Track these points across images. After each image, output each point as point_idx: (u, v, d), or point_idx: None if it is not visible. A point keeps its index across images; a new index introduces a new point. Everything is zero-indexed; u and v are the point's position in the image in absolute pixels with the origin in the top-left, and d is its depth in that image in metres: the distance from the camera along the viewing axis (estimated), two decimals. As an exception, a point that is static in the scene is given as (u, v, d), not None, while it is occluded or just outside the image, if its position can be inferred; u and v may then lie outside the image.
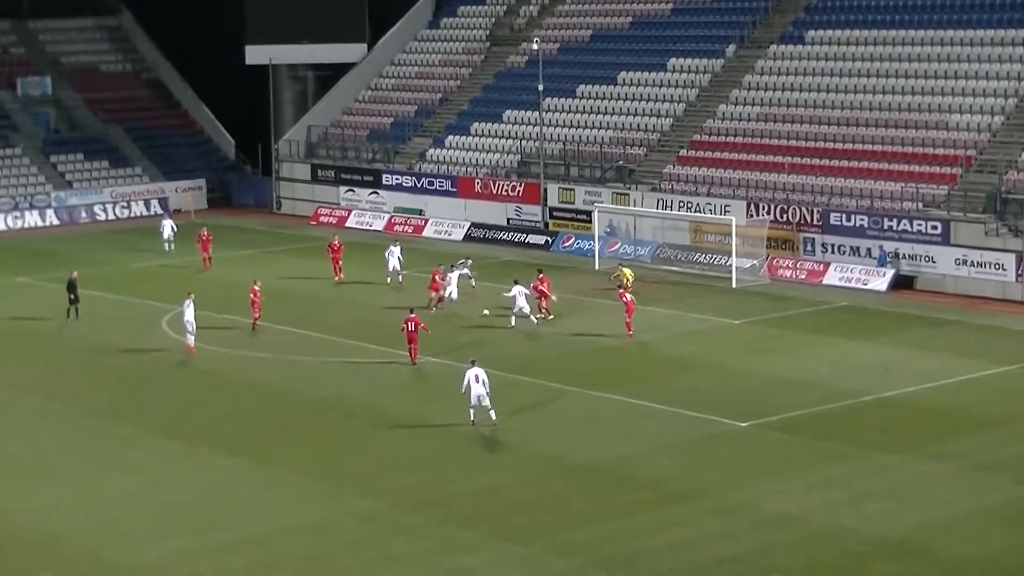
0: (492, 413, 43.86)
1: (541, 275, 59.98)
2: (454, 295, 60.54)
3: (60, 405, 48.35)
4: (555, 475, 40.01)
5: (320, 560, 34.33)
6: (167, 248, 76.31)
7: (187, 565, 34.09)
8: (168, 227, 77.11)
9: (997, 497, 37.49)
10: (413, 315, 52.05)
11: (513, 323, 57.06)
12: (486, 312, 57.88)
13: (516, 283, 57.70)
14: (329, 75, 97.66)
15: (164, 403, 48.53)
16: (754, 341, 55.23)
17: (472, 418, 43.81)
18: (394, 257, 66.99)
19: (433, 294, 61.17)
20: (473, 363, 44.19)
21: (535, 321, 57.39)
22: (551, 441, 43.16)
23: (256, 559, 34.48)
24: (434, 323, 58.47)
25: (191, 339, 53.86)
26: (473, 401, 43.57)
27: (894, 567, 33.12)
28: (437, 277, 61.57)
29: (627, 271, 62.19)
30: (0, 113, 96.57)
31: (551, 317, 58.68)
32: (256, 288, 58.05)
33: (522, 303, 56.95)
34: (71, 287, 60.02)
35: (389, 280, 66.65)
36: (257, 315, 57.75)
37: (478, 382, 43.55)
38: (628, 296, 56.16)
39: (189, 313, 54.04)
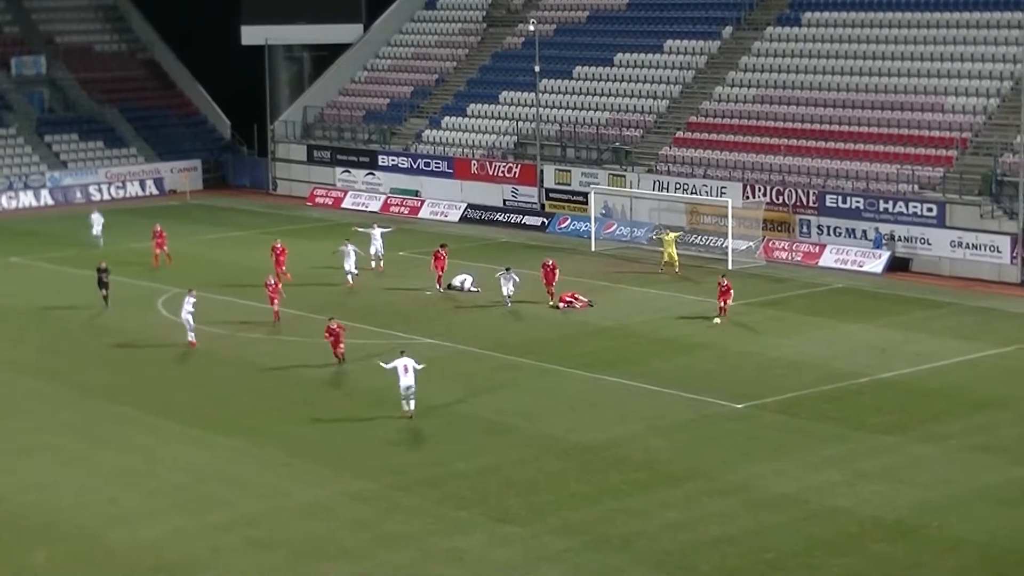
0: (412, 404, 43.29)
1: (551, 262, 59.59)
2: (510, 292, 57.90)
3: (57, 385, 48.43)
4: (551, 456, 40.07)
5: (316, 540, 34.37)
6: (100, 244, 73.83)
7: (184, 544, 34.13)
8: (98, 222, 74.78)
9: (993, 478, 37.59)
10: (333, 323, 50.03)
11: (508, 305, 57.24)
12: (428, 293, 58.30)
13: (508, 269, 57.72)
14: (325, 56, 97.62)
15: (161, 383, 48.58)
16: (750, 322, 55.30)
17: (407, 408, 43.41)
18: (376, 240, 66.06)
19: (439, 272, 61.16)
20: (403, 353, 43.76)
21: (508, 304, 57.52)
22: (548, 422, 43.23)
23: (252, 538, 34.51)
24: (432, 304, 58.74)
25: (191, 335, 52.61)
26: (403, 392, 43.08)
27: (890, 547, 33.20)
28: (441, 255, 61.26)
29: (673, 236, 63.80)
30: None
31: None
32: (269, 282, 57.04)
33: (510, 288, 57.15)
34: (101, 277, 58.93)
35: (373, 264, 65.70)
36: (276, 307, 56.23)
37: (407, 372, 42.83)
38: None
39: (188, 307, 52.68)
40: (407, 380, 42.76)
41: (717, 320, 54.15)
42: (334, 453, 40.78)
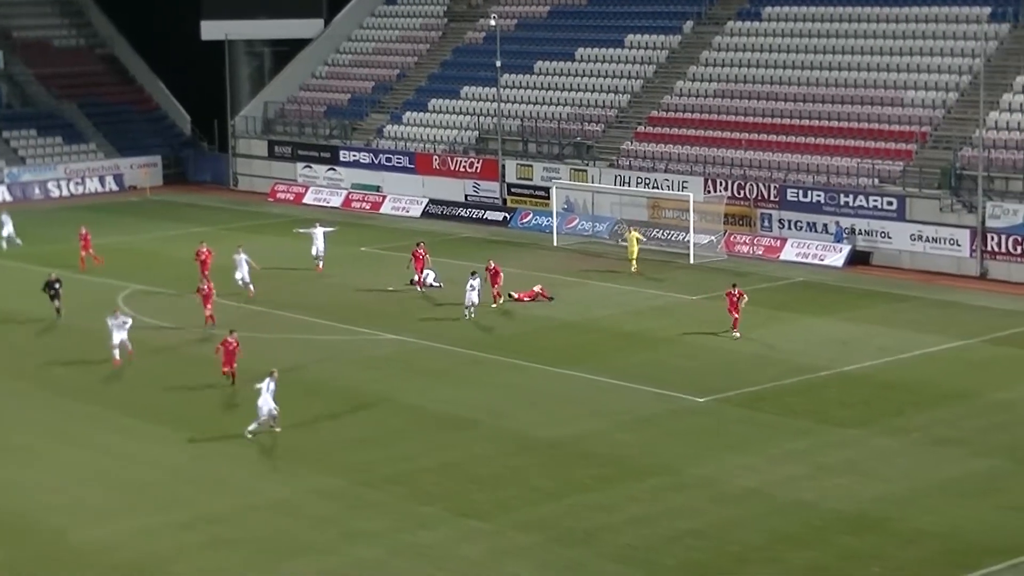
0: (253, 427, 41.70)
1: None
2: (475, 300, 55.24)
3: (23, 384, 48.11)
4: (516, 451, 40.10)
5: (281, 537, 34.28)
6: (4, 246, 71.99)
7: (148, 542, 33.99)
8: (8, 223, 72.58)
9: (955, 470, 37.80)
10: (232, 337, 47.12)
11: (467, 317, 54.81)
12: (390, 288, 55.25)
13: (473, 274, 55.61)
14: (286, 51, 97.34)
15: (126, 382, 48.34)
16: (712, 316, 55.30)
17: (254, 428, 41.67)
18: (319, 240, 65.03)
19: (419, 273, 60.44)
20: (272, 374, 41.97)
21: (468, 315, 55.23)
22: (512, 417, 43.25)
23: (217, 536, 34.40)
24: (396, 300, 58.55)
25: (116, 352, 49.62)
26: (264, 415, 41.47)
27: (853, 540, 33.35)
28: (420, 253, 60.59)
29: (636, 234, 63.44)
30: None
31: (500, 302, 57.39)
32: (202, 287, 55.28)
33: (474, 298, 54.98)
34: (50, 287, 56.33)
35: (316, 264, 64.73)
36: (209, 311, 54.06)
37: (268, 392, 41.37)
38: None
39: (115, 330, 49.86)
40: (268, 402, 41.41)
41: (737, 333, 51.64)
42: (300, 451, 40.67)
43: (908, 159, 66.76)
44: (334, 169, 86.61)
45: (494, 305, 56.88)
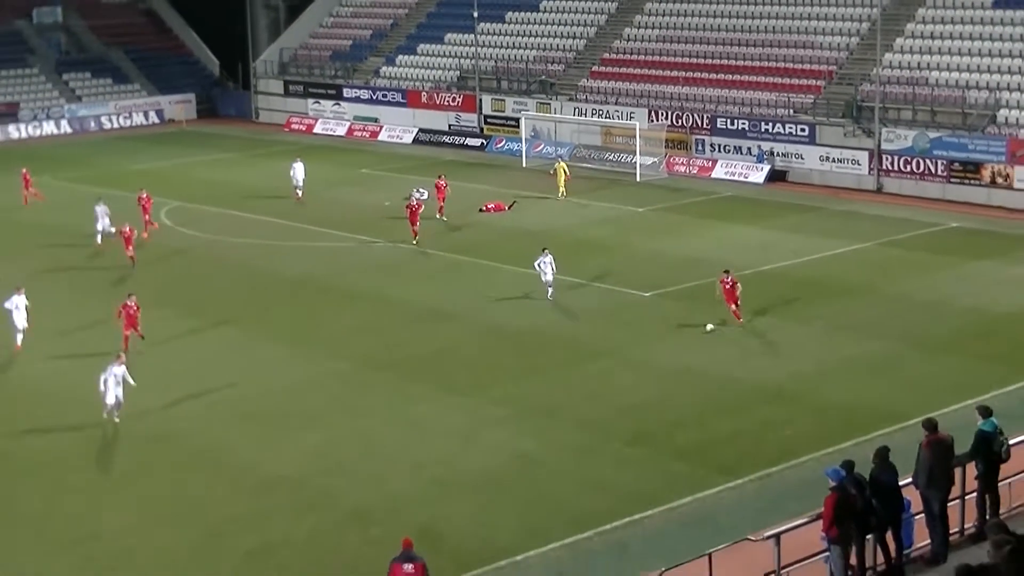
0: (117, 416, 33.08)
1: (440, 178, 56.86)
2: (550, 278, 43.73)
3: (65, 286, 47.37)
4: (491, 340, 39.88)
5: (297, 412, 34.13)
6: (100, 241, 53.20)
7: (178, 417, 33.82)
8: (103, 216, 57.38)
9: (855, 351, 37.71)
10: (131, 301, 38.79)
11: (550, 296, 43.64)
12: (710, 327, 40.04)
13: (544, 251, 43.81)
14: (298, 4, 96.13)
15: (166, 280, 47.60)
16: (655, 225, 55.12)
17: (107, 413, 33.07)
18: (299, 172, 60.57)
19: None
20: (118, 358, 33.59)
21: None
22: (486, 311, 42.92)
23: (244, 412, 34.20)
24: (391, 213, 57.86)
25: (19, 337, 39.32)
26: (111, 402, 32.80)
27: (773, 409, 33.36)
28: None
29: (563, 165, 61.58)
30: (19, 39, 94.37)
31: (444, 219, 55.34)
32: (125, 230, 48.74)
33: (549, 275, 43.40)
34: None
35: (300, 194, 60.47)
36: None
37: (118, 384, 32.73)
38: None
39: (14, 306, 39.37)
40: (117, 391, 32.74)
41: (710, 326, 39.57)
42: (311, 339, 40.39)
43: (817, 93, 66.20)
44: (339, 104, 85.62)
45: (443, 218, 55.22)
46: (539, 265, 43.11)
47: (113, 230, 51.11)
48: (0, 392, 36.68)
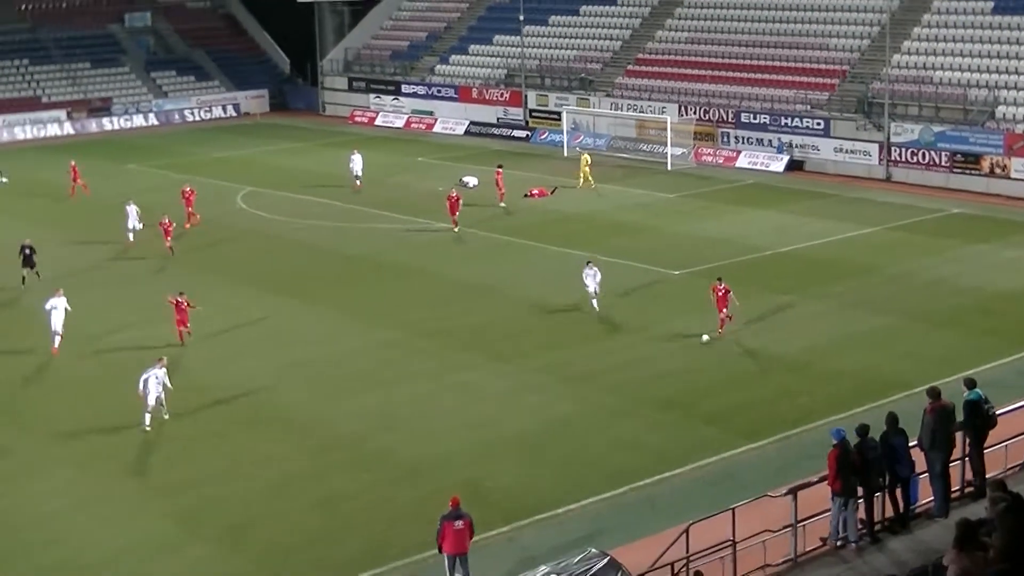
0: (152, 416, 30.59)
1: (499, 168, 55.83)
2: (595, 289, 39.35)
3: (143, 264, 47.09)
4: (531, 314, 39.62)
5: (356, 376, 34.10)
6: (132, 238, 49.53)
7: (253, 377, 33.83)
8: (132, 215, 49.97)
9: (862, 326, 37.25)
10: (182, 298, 36.64)
11: (595, 305, 39.13)
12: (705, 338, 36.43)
13: (589, 263, 39.73)
14: (360, 8, 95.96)
15: (243, 258, 47.70)
16: (684, 210, 54.68)
17: (147, 424, 30.42)
18: (356, 163, 59.29)
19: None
20: (160, 360, 31.26)
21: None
22: (529, 287, 42.68)
23: (307, 376, 34.20)
24: (442, 198, 57.45)
25: (57, 340, 36.30)
26: (152, 403, 30.38)
27: (791, 378, 33.02)
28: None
29: (586, 156, 61.15)
30: (113, 41, 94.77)
31: (503, 205, 54.58)
32: (164, 221, 47.27)
33: (594, 286, 39.08)
34: (25, 254, 43.33)
35: (359, 183, 59.17)
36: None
37: (158, 382, 30.39)
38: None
39: (52, 308, 36.49)
40: (157, 390, 30.42)
41: (706, 337, 35.93)
42: (369, 311, 40.32)
43: (832, 90, 65.43)
44: (397, 99, 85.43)
45: (502, 204, 54.63)
46: (585, 277, 38.89)
47: (140, 226, 48.74)
48: (48, 384, 35.78)
